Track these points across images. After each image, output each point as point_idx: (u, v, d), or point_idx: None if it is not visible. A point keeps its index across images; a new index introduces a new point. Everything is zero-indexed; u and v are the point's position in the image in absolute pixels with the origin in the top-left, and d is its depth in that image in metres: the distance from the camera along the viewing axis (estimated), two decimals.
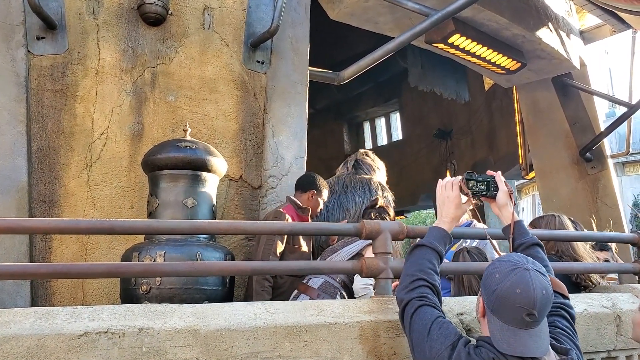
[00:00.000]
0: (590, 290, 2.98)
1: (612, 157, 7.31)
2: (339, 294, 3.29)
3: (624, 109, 7.02)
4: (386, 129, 12.86)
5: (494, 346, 1.60)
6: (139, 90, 3.77)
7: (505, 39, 5.69)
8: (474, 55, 5.68)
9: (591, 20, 7.01)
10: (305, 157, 4.20)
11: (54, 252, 3.51)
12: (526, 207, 21.63)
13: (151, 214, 3.05)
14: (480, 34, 5.49)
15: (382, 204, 3.66)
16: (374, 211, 3.61)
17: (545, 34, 5.80)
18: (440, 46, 5.51)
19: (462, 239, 3.55)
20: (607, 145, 7.26)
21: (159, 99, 3.80)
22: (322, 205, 3.81)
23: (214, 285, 2.85)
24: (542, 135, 7.13)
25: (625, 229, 6.77)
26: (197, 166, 3.03)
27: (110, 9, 3.77)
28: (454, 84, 9.43)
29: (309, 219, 3.67)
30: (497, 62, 5.87)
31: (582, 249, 2.99)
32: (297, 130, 4.18)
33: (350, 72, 4.68)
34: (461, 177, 2.09)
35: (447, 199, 2.02)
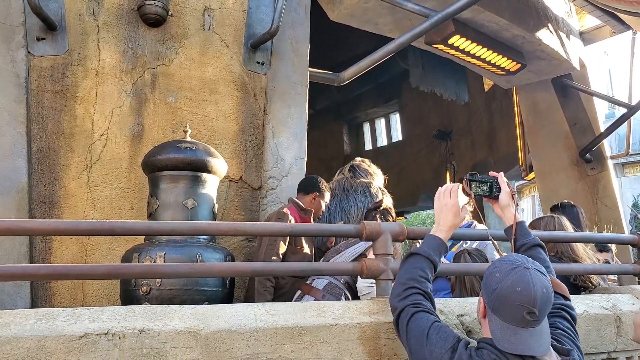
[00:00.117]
0: (590, 291, 2.98)
1: (612, 158, 7.32)
2: (343, 295, 3.28)
3: (623, 110, 7.03)
4: (386, 130, 12.86)
5: (495, 347, 1.60)
6: (139, 91, 3.77)
7: (505, 40, 5.70)
8: (473, 56, 5.68)
9: (591, 21, 7.02)
10: (305, 158, 4.20)
11: (54, 253, 3.51)
12: (526, 208, 21.65)
13: (151, 215, 3.04)
14: (480, 35, 5.50)
15: (386, 205, 3.64)
16: (379, 213, 3.59)
17: (545, 35, 5.80)
18: (440, 47, 5.52)
19: (462, 240, 3.56)
20: (607, 146, 7.26)
21: (159, 100, 3.80)
22: (324, 207, 3.81)
23: (214, 286, 2.85)
24: (542, 136, 7.13)
25: (625, 230, 6.77)
26: (197, 167, 3.03)
27: (110, 10, 3.78)
28: (454, 85, 9.44)
29: (311, 221, 3.67)
30: (497, 63, 5.87)
31: (581, 250, 2.99)
32: (297, 131, 4.18)
33: (350, 73, 4.68)
34: (463, 179, 2.09)
35: (445, 207, 2.00)
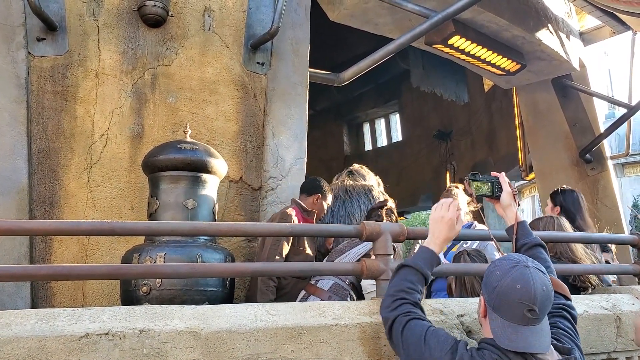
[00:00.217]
0: (589, 292, 2.98)
1: (612, 158, 7.32)
2: (349, 296, 3.27)
3: (623, 110, 7.03)
4: (386, 130, 12.86)
5: (496, 347, 1.61)
6: (139, 91, 3.77)
7: (505, 40, 5.70)
8: (473, 56, 5.68)
9: (591, 21, 7.02)
10: (305, 158, 4.20)
11: (54, 253, 3.51)
12: (526, 208, 21.63)
13: (151, 216, 3.04)
14: (480, 36, 5.50)
15: (390, 206, 3.62)
16: (384, 211, 3.55)
17: (545, 36, 5.81)
18: (440, 48, 5.52)
19: (462, 240, 3.56)
20: (607, 146, 7.26)
21: (159, 101, 3.80)
22: (326, 209, 3.82)
23: (214, 286, 2.85)
24: (542, 136, 7.13)
25: (625, 230, 6.77)
26: (197, 167, 3.03)
27: (110, 11, 3.78)
28: (454, 85, 9.45)
29: (314, 222, 3.67)
30: (496, 64, 5.87)
31: (580, 250, 2.98)
32: (297, 131, 4.18)
33: (350, 73, 4.69)
34: (465, 179, 2.10)
35: (441, 220, 1.98)
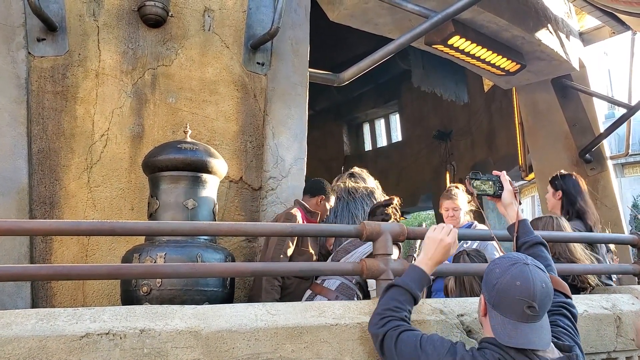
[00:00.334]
0: (589, 292, 2.97)
1: (612, 158, 7.32)
2: (355, 296, 3.27)
3: (623, 110, 7.03)
4: (386, 130, 12.87)
5: (498, 346, 1.61)
6: (139, 91, 3.77)
7: (504, 40, 5.70)
8: (473, 56, 5.69)
9: (590, 21, 7.02)
10: (305, 158, 4.20)
11: (54, 253, 3.51)
12: (526, 208, 21.64)
13: (152, 216, 3.05)
14: (480, 36, 5.50)
15: (396, 204, 3.57)
16: (392, 209, 3.52)
17: (544, 36, 5.81)
18: (440, 48, 5.52)
19: (463, 240, 3.56)
20: (607, 146, 7.26)
21: (159, 101, 3.80)
22: (329, 211, 3.83)
23: (215, 286, 2.85)
24: (542, 136, 7.13)
25: (624, 230, 6.77)
26: (197, 168, 3.03)
27: (110, 11, 3.78)
28: (454, 85, 9.45)
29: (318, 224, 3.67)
30: (496, 64, 5.87)
31: (579, 251, 2.95)
32: (297, 131, 4.18)
33: (350, 73, 4.69)
34: (466, 177, 2.12)
35: (439, 242, 1.97)
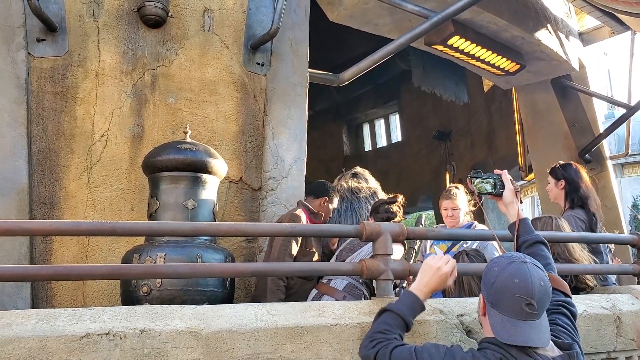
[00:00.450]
0: (587, 292, 2.97)
1: (611, 158, 7.33)
2: (363, 296, 3.27)
3: (623, 111, 7.04)
4: (385, 131, 12.87)
5: (498, 345, 1.61)
6: (139, 92, 3.77)
7: (504, 40, 5.70)
8: (473, 57, 5.69)
9: (590, 22, 7.03)
10: (305, 158, 4.20)
11: (54, 253, 3.51)
12: (525, 208, 21.65)
13: (151, 216, 3.05)
14: (479, 36, 5.51)
15: (400, 202, 3.56)
16: (396, 206, 3.51)
17: (544, 36, 5.81)
18: (439, 48, 5.53)
19: (463, 240, 3.56)
20: (606, 146, 7.27)
21: (159, 101, 3.81)
22: (330, 213, 3.85)
23: (214, 286, 2.85)
24: (541, 136, 7.14)
25: (624, 230, 6.77)
26: (197, 168, 3.03)
27: (110, 12, 3.78)
28: (453, 86, 9.45)
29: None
30: (496, 64, 5.88)
31: (578, 251, 2.94)
32: (297, 132, 4.18)
33: (349, 74, 4.69)
34: (467, 176, 2.12)
35: (436, 270, 1.93)
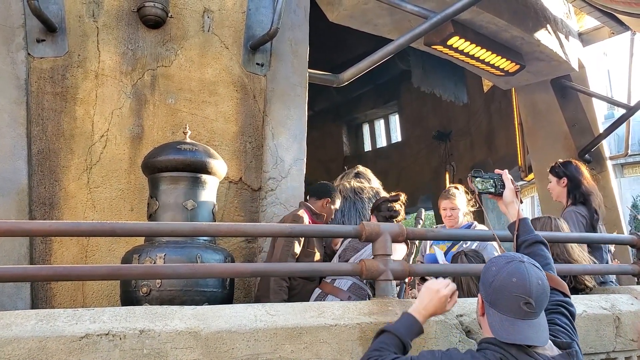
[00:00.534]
0: (586, 293, 2.96)
1: (611, 158, 7.33)
2: (367, 296, 3.27)
3: (622, 111, 7.04)
4: (385, 131, 12.87)
5: (498, 345, 1.61)
6: (138, 92, 3.78)
7: (504, 41, 5.70)
8: (472, 57, 5.69)
9: (590, 22, 7.03)
10: (304, 159, 4.20)
11: (54, 254, 3.51)
12: (525, 208, 21.65)
13: (151, 216, 3.05)
14: (479, 36, 5.51)
15: (402, 200, 3.54)
16: (399, 204, 3.50)
17: (544, 36, 5.82)
18: (439, 48, 5.53)
19: (462, 241, 3.56)
20: (606, 146, 7.27)
21: (158, 102, 3.81)
22: (333, 214, 3.85)
23: (214, 287, 2.85)
24: (541, 137, 7.14)
25: (624, 230, 6.77)
26: (197, 168, 3.03)
27: (110, 12, 3.78)
28: (453, 86, 9.45)
29: None
30: (496, 64, 5.88)
31: (577, 252, 2.94)
32: (296, 132, 4.18)
33: (349, 74, 4.69)
34: (468, 176, 2.13)
35: (436, 293, 1.90)
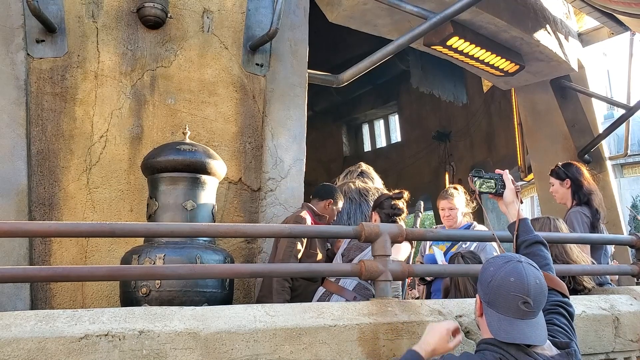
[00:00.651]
0: (585, 293, 2.96)
1: (611, 159, 7.34)
2: (372, 296, 3.26)
3: (622, 111, 7.04)
4: (385, 131, 12.88)
5: (497, 345, 1.62)
6: (138, 93, 3.78)
7: (503, 41, 5.71)
8: (472, 57, 5.69)
9: (589, 22, 7.04)
10: (304, 159, 4.20)
11: (53, 254, 3.51)
12: (525, 208, 21.65)
13: (151, 217, 3.05)
14: (478, 37, 5.51)
15: (406, 198, 3.51)
16: (401, 202, 3.46)
17: (543, 36, 5.82)
18: (438, 49, 5.53)
19: (462, 241, 3.56)
20: (606, 147, 7.27)
21: (158, 102, 3.81)
22: (335, 215, 3.86)
23: (214, 287, 2.85)
24: (541, 137, 7.14)
25: (623, 230, 6.78)
26: (196, 169, 3.03)
27: (109, 12, 3.78)
28: (452, 86, 9.45)
29: None
30: (495, 65, 5.88)
31: (576, 252, 2.94)
32: (296, 132, 4.18)
33: (349, 74, 4.69)
34: (469, 176, 2.13)
35: (439, 332, 1.85)
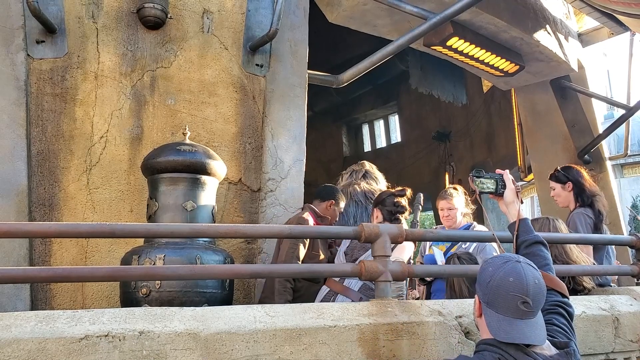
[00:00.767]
0: (584, 294, 2.96)
1: (611, 159, 7.34)
2: None
3: (622, 111, 7.05)
4: (385, 131, 12.88)
5: (496, 346, 1.62)
6: (138, 93, 3.78)
7: (503, 41, 5.71)
8: (472, 57, 5.70)
9: (589, 22, 7.04)
10: (304, 160, 4.21)
11: (53, 255, 3.51)
12: (525, 209, 21.65)
13: (151, 217, 3.05)
14: (478, 37, 5.51)
15: (408, 195, 3.51)
16: (404, 200, 3.46)
17: (543, 37, 5.82)
18: (438, 49, 5.53)
19: (461, 241, 3.56)
20: (606, 147, 7.27)
21: (158, 103, 3.81)
22: (337, 216, 3.86)
23: (214, 288, 2.86)
24: (541, 137, 7.14)
25: (623, 231, 6.78)
26: (196, 169, 3.03)
27: (109, 13, 3.79)
28: (451, 87, 9.46)
29: None
30: (495, 65, 5.88)
31: (575, 253, 2.93)
32: (296, 133, 4.19)
33: (349, 75, 4.69)
34: (469, 176, 2.13)
35: None
